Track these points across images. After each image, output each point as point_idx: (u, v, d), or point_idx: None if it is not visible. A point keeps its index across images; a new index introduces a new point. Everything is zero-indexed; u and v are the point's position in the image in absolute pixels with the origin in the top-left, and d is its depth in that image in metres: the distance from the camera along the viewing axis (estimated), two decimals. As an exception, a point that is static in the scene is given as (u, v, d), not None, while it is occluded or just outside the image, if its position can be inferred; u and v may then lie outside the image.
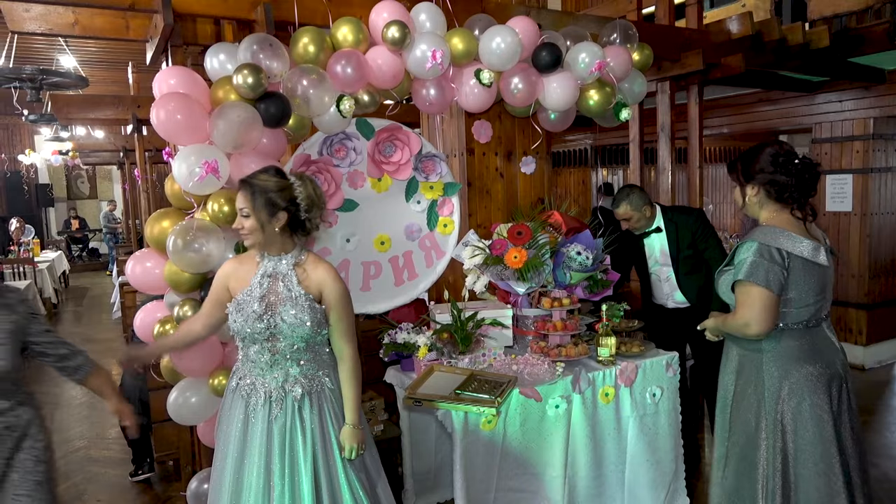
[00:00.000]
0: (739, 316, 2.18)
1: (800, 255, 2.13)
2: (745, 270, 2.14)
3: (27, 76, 5.24)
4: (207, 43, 2.80)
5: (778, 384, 2.18)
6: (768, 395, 2.19)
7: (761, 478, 2.20)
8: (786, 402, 2.17)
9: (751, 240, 2.18)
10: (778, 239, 2.14)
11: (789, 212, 2.22)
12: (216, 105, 2.51)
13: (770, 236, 2.16)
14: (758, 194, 2.25)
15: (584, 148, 9.09)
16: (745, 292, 2.16)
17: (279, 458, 2.07)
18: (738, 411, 2.29)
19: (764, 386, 2.21)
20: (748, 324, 2.15)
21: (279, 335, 2.09)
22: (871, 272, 5.73)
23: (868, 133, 5.59)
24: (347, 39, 2.75)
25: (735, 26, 4.26)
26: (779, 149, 2.22)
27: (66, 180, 14.48)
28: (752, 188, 2.25)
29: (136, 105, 6.23)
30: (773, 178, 2.19)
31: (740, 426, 2.28)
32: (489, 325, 2.94)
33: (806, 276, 2.15)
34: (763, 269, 2.12)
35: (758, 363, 2.23)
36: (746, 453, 2.26)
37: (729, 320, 2.26)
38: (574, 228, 3.31)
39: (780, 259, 2.13)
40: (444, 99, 3.03)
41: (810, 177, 2.19)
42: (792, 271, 2.14)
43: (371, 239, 3.25)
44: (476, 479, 2.61)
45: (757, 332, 2.15)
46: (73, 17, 2.95)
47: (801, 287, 2.16)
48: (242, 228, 2.08)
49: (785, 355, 2.19)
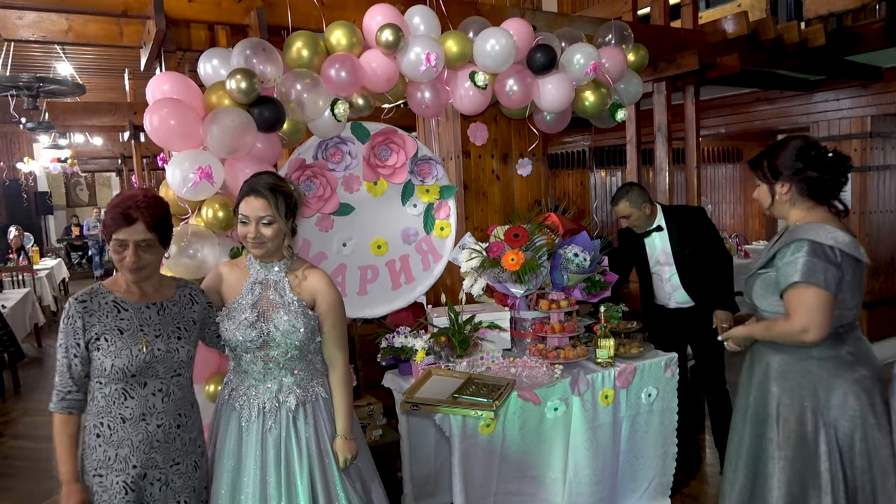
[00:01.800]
0: (796, 321, 2.01)
1: (846, 251, 2.01)
2: (802, 271, 1.99)
3: (24, 84, 5.25)
4: (201, 48, 2.79)
5: (830, 390, 2.05)
6: (823, 402, 2.05)
7: (825, 484, 2.03)
8: (840, 409, 2.03)
9: (799, 239, 2.03)
10: (828, 236, 2.01)
11: (825, 208, 2.11)
12: (210, 110, 2.51)
13: (821, 234, 2.01)
14: (789, 192, 2.12)
15: (582, 149, 9.09)
16: (801, 295, 2.00)
17: (275, 471, 2.04)
18: (787, 422, 2.10)
19: (818, 394, 2.06)
20: (806, 329, 1.99)
21: (272, 343, 2.05)
22: (871, 271, 5.72)
23: (865, 131, 5.59)
24: (341, 43, 2.75)
25: (731, 26, 4.26)
26: (807, 142, 2.11)
27: (64, 188, 14.50)
28: (783, 185, 2.12)
29: (133, 112, 6.26)
30: (805, 173, 2.08)
31: (793, 438, 2.09)
32: (487, 328, 2.92)
33: (855, 275, 2.04)
34: (820, 269, 1.98)
35: (805, 371, 2.08)
36: (802, 463, 2.08)
37: (780, 327, 2.08)
38: (571, 230, 3.30)
39: (835, 257, 1.99)
40: (439, 102, 3.02)
41: (844, 170, 2.09)
42: (844, 270, 2.01)
43: (367, 243, 3.24)
44: (476, 484, 2.60)
45: (815, 338, 2.00)
46: (66, 25, 2.94)
47: (851, 287, 2.04)
48: (260, 237, 2.00)
49: (836, 359, 2.06)
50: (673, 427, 3.03)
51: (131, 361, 1.86)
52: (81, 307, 1.88)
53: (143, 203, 1.86)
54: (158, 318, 1.95)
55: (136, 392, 1.90)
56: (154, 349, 1.90)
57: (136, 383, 1.90)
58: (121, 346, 1.86)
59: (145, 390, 1.91)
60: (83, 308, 1.88)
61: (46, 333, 7.99)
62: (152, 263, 1.93)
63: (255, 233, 2.00)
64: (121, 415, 1.89)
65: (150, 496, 1.93)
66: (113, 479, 1.88)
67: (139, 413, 1.90)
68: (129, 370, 1.86)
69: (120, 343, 1.86)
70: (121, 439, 1.88)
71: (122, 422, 1.89)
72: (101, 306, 1.90)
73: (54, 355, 2.02)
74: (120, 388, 1.88)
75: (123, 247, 1.86)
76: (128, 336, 1.88)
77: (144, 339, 1.90)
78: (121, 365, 1.85)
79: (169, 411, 1.94)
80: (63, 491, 1.89)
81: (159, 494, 1.95)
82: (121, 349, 1.86)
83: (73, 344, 1.87)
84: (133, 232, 1.85)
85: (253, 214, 2.00)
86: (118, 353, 1.85)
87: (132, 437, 1.89)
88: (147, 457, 1.91)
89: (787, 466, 2.09)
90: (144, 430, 1.90)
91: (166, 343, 1.93)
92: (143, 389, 1.91)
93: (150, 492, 1.93)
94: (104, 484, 1.89)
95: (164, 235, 1.94)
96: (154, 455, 1.92)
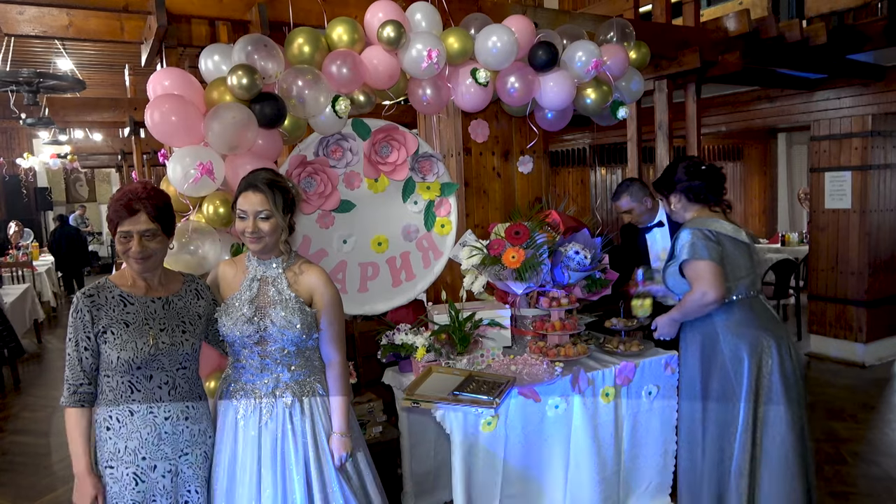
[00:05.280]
0: (696, 289, 2.57)
1: (725, 234, 2.63)
2: (688, 251, 2.58)
3: (24, 79, 5.25)
4: (202, 44, 2.78)
5: (734, 348, 2.59)
6: (731, 360, 2.59)
7: (739, 438, 2.57)
8: (744, 362, 2.57)
9: (683, 229, 2.66)
10: (704, 223, 2.64)
11: (708, 208, 2.74)
12: (211, 106, 2.50)
13: (698, 223, 2.65)
14: (680, 200, 2.76)
15: (582, 147, 9.08)
16: (694, 268, 2.58)
17: (271, 466, 2.05)
18: (710, 384, 2.66)
19: (724, 354, 2.61)
20: (705, 292, 2.54)
21: (269, 339, 2.06)
22: (871, 269, 5.72)
23: (867, 130, 5.58)
24: (342, 39, 2.74)
25: (732, 24, 4.25)
26: (689, 161, 2.78)
27: (64, 184, 14.48)
28: (675, 196, 2.77)
29: (133, 107, 6.22)
30: (688, 184, 2.71)
31: (714, 397, 2.65)
32: (487, 325, 2.92)
33: (735, 251, 2.64)
34: (701, 245, 2.57)
35: (714, 336, 2.64)
36: (723, 419, 2.63)
37: (687, 300, 2.63)
38: (572, 227, 3.29)
39: (712, 236, 2.60)
40: (440, 99, 3.01)
41: (717, 179, 2.73)
42: (723, 246, 2.60)
43: (368, 240, 3.24)
44: (477, 482, 2.59)
45: (714, 298, 2.54)
46: (67, 20, 2.94)
47: (733, 261, 2.62)
48: (257, 231, 2.02)
49: (735, 322, 2.61)
50: (673, 425, 3.03)
51: (137, 354, 1.89)
52: (89, 301, 1.91)
53: (144, 195, 1.92)
54: (164, 312, 1.99)
55: (143, 385, 1.93)
56: (159, 342, 1.93)
57: (142, 376, 1.93)
58: (126, 339, 1.90)
59: (151, 383, 1.94)
60: (91, 302, 1.91)
61: (46, 329, 7.99)
62: (157, 253, 1.98)
63: (252, 227, 2.02)
64: (129, 407, 1.92)
65: (163, 488, 1.96)
66: (123, 470, 1.92)
67: (146, 405, 1.93)
68: (134, 362, 1.89)
69: (126, 336, 1.90)
70: (130, 432, 1.92)
71: (131, 414, 1.92)
72: (108, 300, 1.94)
73: (54, 351, 2.03)
74: (126, 380, 1.92)
75: (128, 238, 1.91)
76: (133, 329, 1.92)
77: (151, 332, 1.93)
78: (126, 357, 1.89)
79: (176, 403, 1.97)
80: (77, 484, 1.93)
81: (171, 486, 1.98)
82: (126, 342, 1.89)
83: (83, 337, 1.90)
84: (136, 222, 1.91)
85: (251, 209, 2.01)
86: (124, 345, 1.89)
87: (140, 429, 1.92)
88: (156, 448, 1.94)
89: (712, 424, 2.66)
90: (152, 422, 1.94)
91: (171, 336, 1.96)
92: (150, 382, 1.94)
93: (162, 484, 1.96)
94: (115, 475, 1.92)
95: (168, 225, 2.00)
96: (163, 447, 1.96)
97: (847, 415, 4.62)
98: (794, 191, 10.08)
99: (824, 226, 6.01)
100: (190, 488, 2.03)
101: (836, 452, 3.97)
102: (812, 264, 6.19)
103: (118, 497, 1.91)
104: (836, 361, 5.86)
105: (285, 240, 2.10)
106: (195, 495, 2.04)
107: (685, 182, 2.71)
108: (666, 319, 2.76)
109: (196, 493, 2.04)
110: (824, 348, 6.00)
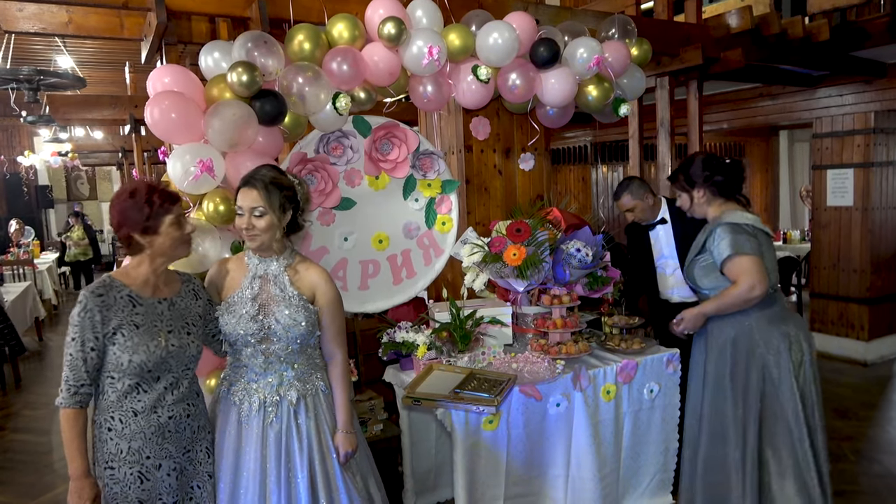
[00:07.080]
0: (743, 283, 2.50)
1: (760, 227, 2.60)
2: (731, 246, 2.52)
3: (24, 77, 5.23)
4: (202, 41, 2.78)
5: (776, 339, 2.55)
6: (763, 350, 2.56)
7: (794, 427, 2.53)
8: (776, 356, 2.55)
9: (720, 225, 2.58)
10: (737, 217, 2.59)
11: (733, 201, 2.69)
12: (211, 103, 2.49)
13: (735, 218, 2.59)
14: (704, 195, 2.69)
15: (584, 144, 9.06)
16: (739, 263, 2.52)
17: (275, 465, 2.04)
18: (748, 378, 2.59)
19: (762, 347, 2.56)
20: (753, 286, 2.48)
21: (273, 337, 2.05)
22: (873, 267, 5.71)
23: (869, 127, 5.57)
24: (343, 36, 2.73)
25: (734, 20, 4.24)
26: (708, 155, 2.73)
27: (65, 181, 14.46)
28: (698, 191, 2.70)
29: (134, 105, 6.23)
30: (713, 178, 2.66)
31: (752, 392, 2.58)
32: (488, 323, 2.91)
33: (766, 243, 2.61)
34: (744, 240, 2.52)
35: (749, 329, 2.58)
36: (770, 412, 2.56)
37: (729, 293, 2.54)
38: (573, 225, 3.28)
39: (750, 230, 2.56)
40: (441, 96, 3.00)
41: (741, 172, 2.73)
42: (760, 240, 2.56)
43: (369, 237, 3.23)
44: (479, 480, 2.59)
45: (761, 292, 2.49)
46: (66, 17, 2.93)
47: (766, 253, 2.59)
48: (252, 228, 2.02)
49: (772, 314, 2.59)
50: (675, 423, 3.03)
51: (149, 357, 1.87)
52: (100, 301, 1.86)
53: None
54: (169, 314, 1.97)
55: (150, 386, 1.91)
56: (169, 345, 1.91)
57: (151, 378, 1.91)
58: (138, 342, 1.86)
59: (159, 384, 1.93)
60: (101, 301, 1.86)
61: (47, 327, 7.99)
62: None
63: (247, 224, 2.02)
64: (132, 408, 1.90)
65: (168, 486, 1.96)
66: (126, 470, 1.90)
67: (150, 406, 1.91)
68: (146, 365, 1.87)
69: (137, 338, 1.87)
70: (133, 432, 1.89)
71: (134, 415, 1.90)
72: (117, 300, 1.89)
73: (55, 349, 2.01)
74: (134, 383, 1.89)
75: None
76: (143, 331, 1.89)
77: (162, 335, 1.91)
78: (139, 360, 1.86)
79: (178, 402, 1.96)
80: (73, 486, 1.89)
81: (176, 483, 1.97)
82: (138, 344, 1.86)
83: (90, 337, 1.85)
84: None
85: (246, 206, 2.02)
86: (135, 348, 1.86)
87: (144, 429, 1.90)
88: (160, 447, 1.93)
89: (745, 415, 2.58)
90: (156, 421, 1.92)
91: (178, 338, 1.95)
92: (157, 384, 1.92)
93: (167, 482, 1.95)
94: (116, 476, 1.90)
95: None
96: (167, 445, 1.95)
97: (849, 412, 4.61)
98: (796, 188, 10.06)
99: (826, 223, 6.00)
100: (194, 484, 2.03)
101: (838, 450, 3.96)
102: (814, 262, 6.18)
103: (121, 497, 1.90)
104: (838, 359, 5.85)
105: (281, 237, 2.09)
106: (198, 490, 2.04)
107: (711, 176, 2.66)
108: (696, 313, 2.69)
109: (200, 489, 2.04)
110: (826, 346, 5.98)
